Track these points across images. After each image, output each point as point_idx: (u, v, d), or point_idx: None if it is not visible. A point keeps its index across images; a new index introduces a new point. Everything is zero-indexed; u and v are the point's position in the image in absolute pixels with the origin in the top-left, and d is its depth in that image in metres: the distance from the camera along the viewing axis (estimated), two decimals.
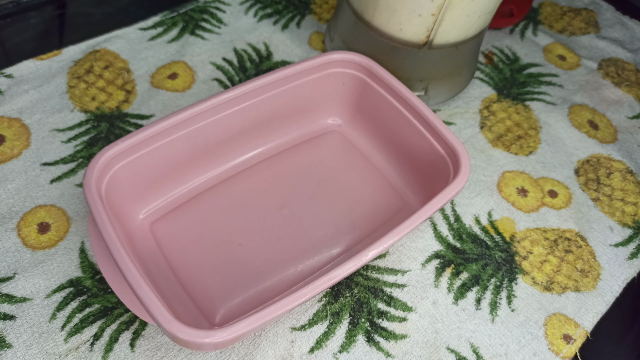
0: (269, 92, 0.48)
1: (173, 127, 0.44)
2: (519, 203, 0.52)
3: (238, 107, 0.47)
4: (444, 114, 0.58)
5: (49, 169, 0.49)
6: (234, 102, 0.46)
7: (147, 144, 0.43)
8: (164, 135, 0.44)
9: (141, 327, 0.41)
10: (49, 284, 0.43)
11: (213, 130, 0.47)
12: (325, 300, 0.44)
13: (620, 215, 0.52)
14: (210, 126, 0.46)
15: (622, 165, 0.56)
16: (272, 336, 0.42)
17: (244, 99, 0.47)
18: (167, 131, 0.44)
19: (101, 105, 0.53)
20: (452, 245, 0.48)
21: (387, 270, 0.46)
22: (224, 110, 0.46)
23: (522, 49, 0.66)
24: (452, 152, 0.44)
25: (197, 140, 0.46)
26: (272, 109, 0.49)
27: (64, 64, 0.56)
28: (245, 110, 0.48)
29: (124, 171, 0.43)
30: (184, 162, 0.47)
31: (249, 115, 0.48)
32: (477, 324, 0.44)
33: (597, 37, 0.69)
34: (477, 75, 0.63)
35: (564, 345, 0.44)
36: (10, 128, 0.51)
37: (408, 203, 0.48)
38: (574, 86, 0.63)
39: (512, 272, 0.47)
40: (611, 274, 0.48)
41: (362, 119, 0.52)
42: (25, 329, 0.40)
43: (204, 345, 0.34)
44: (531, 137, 0.57)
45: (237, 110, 0.47)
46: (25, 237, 0.45)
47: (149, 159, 0.44)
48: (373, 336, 0.43)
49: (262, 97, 0.48)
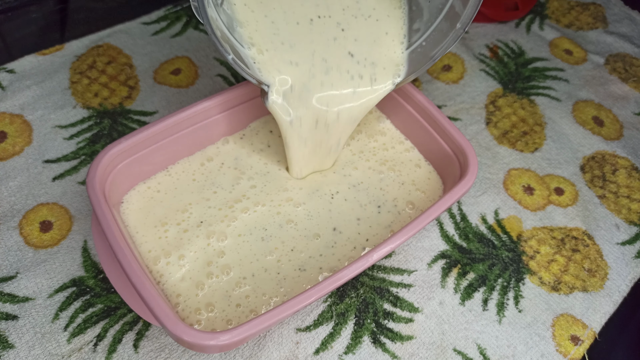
0: None
1: (177, 124, 0.43)
2: (525, 201, 0.51)
3: (243, 104, 0.46)
4: (450, 109, 0.58)
5: (51, 166, 0.48)
6: (240, 99, 0.46)
7: (152, 141, 0.43)
8: (169, 133, 0.43)
9: (145, 328, 0.41)
10: (51, 283, 0.42)
11: (218, 128, 0.46)
12: (330, 300, 0.43)
13: (627, 212, 0.52)
14: (216, 123, 0.46)
15: (627, 162, 0.55)
16: (276, 337, 0.41)
17: (249, 95, 0.46)
18: (171, 129, 0.43)
19: (104, 101, 0.53)
20: (458, 245, 0.48)
21: (393, 270, 0.46)
22: (229, 108, 0.46)
23: (528, 43, 0.66)
24: (460, 151, 0.44)
25: (202, 138, 0.46)
26: None
27: (67, 59, 0.56)
28: (252, 107, 0.47)
29: (128, 169, 0.42)
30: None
31: (255, 112, 0.48)
32: (484, 325, 0.44)
33: (605, 32, 0.68)
34: (482, 68, 0.62)
35: (571, 347, 0.43)
36: (12, 124, 0.50)
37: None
38: (580, 81, 0.63)
39: (519, 272, 0.47)
40: (618, 273, 0.48)
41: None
42: (28, 329, 0.40)
43: (208, 348, 0.33)
44: (536, 134, 0.57)
45: (243, 107, 0.47)
46: (27, 235, 0.44)
47: (153, 157, 0.43)
48: (379, 337, 0.42)
49: None
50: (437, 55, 0.42)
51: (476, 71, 0.62)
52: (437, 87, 0.60)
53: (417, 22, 0.44)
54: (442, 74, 0.61)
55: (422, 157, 0.49)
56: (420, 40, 0.44)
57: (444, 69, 0.61)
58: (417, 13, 0.44)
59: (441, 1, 0.42)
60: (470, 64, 0.62)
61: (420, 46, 0.44)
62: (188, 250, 0.41)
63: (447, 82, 0.60)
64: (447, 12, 0.42)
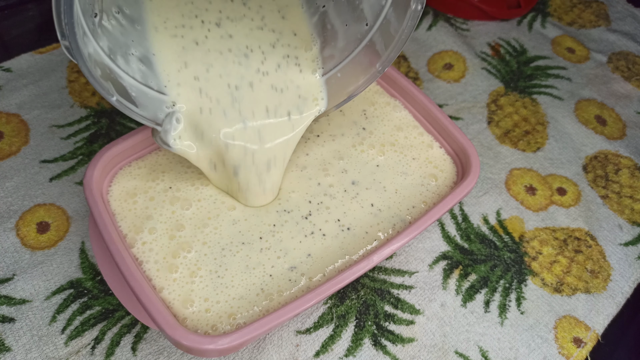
0: None
1: None
2: (527, 202, 0.51)
3: None
4: (451, 108, 0.57)
5: (49, 167, 0.48)
6: None
7: (150, 142, 0.42)
8: None
9: (143, 330, 0.41)
10: (48, 285, 0.42)
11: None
12: (330, 302, 0.43)
13: (630, 213, 0.51)
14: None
15: (630, 162, 0.55)
16: (276, 340, 0.41)
17: None
18: None
19: (102, 100, 0.52)
20: (460, 246, 0.47)
21: (394, 272, 0.45)
22: None
23: (530, 41, 0.65)
24: (462, 151, 0.44)
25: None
26: None
27: (64, 57, 0.55)
28: None
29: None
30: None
31: None
32: (486, 327, 0.43)
33: (608, 30, 0.68)
34: (484, 66, 0.62)
35: (574, 349, 0.43)
36: (8, 124, 0.50)
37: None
38: (583, 80, 0.62)
39: (522, 273, 0.46)
40: (621, 274, 0.47)
41: None
42: (25, 331, 0.40)
43: (207, 352, 0.33)
44: (538, 133, 0.56)
45: None
46: (24, 236, 0.44)
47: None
48: (380, 340, 0.42)
49: None
50: (354, 92, 0.41)
51: (478, 70, 0.61)
52: (439, 85, 0.59)
53: (330, 47, 0.41)
54: (444, 72, 0.60)
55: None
56: (335, 69, 0.41)
57: (445, 67, 0.61)
58: (332, 36, 0.41)
59: (360, 31, 0.40)
60: (472, 62, 0.62)
61: (335, 77, 0.42)
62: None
63: (449, 81, 0.60)
64: (367, 46, 0.40)
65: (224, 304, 0.37)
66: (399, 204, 0.43)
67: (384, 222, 0.41)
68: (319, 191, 0.43)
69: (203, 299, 0.37)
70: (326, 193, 0.43)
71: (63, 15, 0.28)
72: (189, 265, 0.38)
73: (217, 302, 0.37)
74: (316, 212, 0.42)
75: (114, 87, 0.35)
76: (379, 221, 0.41)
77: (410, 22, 0.36)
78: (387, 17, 0.38)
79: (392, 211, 0.42)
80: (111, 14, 0.36)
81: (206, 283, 0.37)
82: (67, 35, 0.29)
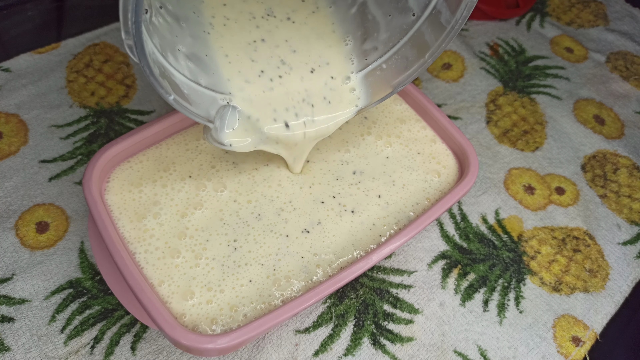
0: None
1: (175, 124, 0.43)
2: (526, 201, 0.51)
3: None
4: (450, 108, 0.57)
5: (48, 166, 0.48)
6: None
7: (149, 141, 0.42)
8: (166, 132, 0.43)
9: (142, 330, 0.41)
10: (48, 285, 0.42)
11: None
12: (329, 302, 0.43)
13: (628, 212, 0.51)
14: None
15: (628, 161, 0.55)
16: (275, 339, 0.41)
17: None
18: (168, 129, 0.43)
19: (100, 100, 0.52)
20: (458, 245, 0.47)
21: (393, 271, 0.45)
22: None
23: (529, 40, 0.65)
24: (461, 150, 0.44)
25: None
26: None
27: (63, 57, 0.55)
28: None
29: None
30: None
31: None
32: (485, 326, 0.43)
33: (606, 29, 0.68)
34: (482, 66, 0.62)
35: (573, 348, 0.43)
36: (7, 124, 0.50)
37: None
38: (581, 79, 0.62)
39: (520, 272, 0.46)
40: (620, 273, 0.48)
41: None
42: (24, 331, 0.40)
43: (206, 351, 0.33)
44: (537, 132, 0.56)
45: None
46: (24, 236, 0.44)
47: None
48: (379, 339, 0.42)
49: None
50: (399, 85, 0.40)
51: (476, 69, 0.61)
52: (437, 85, 0.59)
53: (372, 39, 0.40)
54: (442, 72, 0.60)
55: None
56: (378, 61, 0.41)
57: (444, 67, 0.61)
58: (374, 27, 0.40)
59: (406, 22, 0.39)
60: (471, 62, 0.62)
61: (380, 69, 0.41)
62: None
63: (447, 81, 0.60)
64: (414, 37, 0.39)
65: (230, 292, 0.37)
66: (405, 199, 0.43)
67: (389, 216, 0.42)
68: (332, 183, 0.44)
69: (206, 288, 0.37)
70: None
71: (131, 13, 0.27)
72: (193, 247, 0.39)
73: (222, 292, 0.37)
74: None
75: (170, 86, 0.34)
76: (386, 214, 0.42)
77: (465, 12, 0.36)
78: (437, 7, 0.37)
79: (398, 206, 0.42)
80: (156, 10, 0.35)
81: (212, 265, 0.38)
82: (132, 34, 0.28)
